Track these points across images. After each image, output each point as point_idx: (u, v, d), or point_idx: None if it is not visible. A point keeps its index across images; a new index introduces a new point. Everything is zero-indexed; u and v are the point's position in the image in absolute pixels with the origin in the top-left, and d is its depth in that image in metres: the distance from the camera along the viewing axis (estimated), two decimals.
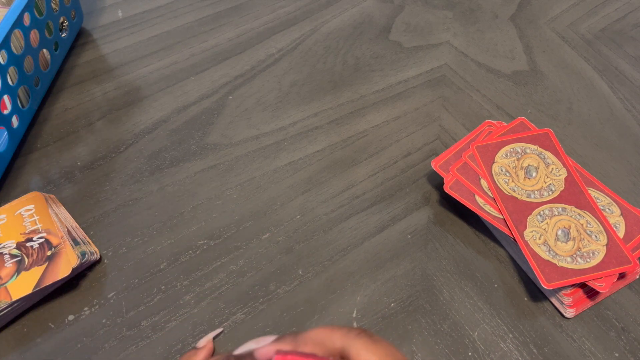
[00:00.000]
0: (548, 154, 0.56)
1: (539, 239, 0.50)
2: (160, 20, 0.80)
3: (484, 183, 0.54)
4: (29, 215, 0.53)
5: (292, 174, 0.61)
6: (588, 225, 0.51)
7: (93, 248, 0.53)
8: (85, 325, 0.49)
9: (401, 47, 0.76)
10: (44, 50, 0.66)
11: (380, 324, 0.49)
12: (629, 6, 0.83)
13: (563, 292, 0.49)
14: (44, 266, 0.49)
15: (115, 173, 0.61)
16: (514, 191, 0.53)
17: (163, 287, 0.52)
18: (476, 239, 0.55)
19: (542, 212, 0.52)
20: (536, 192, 0.53)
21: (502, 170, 0.54)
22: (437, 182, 0.60)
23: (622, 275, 0.50)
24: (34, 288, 0.48)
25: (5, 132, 0.59)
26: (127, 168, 0.61)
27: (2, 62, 0.57)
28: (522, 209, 0.52)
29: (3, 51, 0.56)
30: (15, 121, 0.61)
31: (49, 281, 0.48)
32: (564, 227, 0.51)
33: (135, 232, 0.56)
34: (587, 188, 0.53)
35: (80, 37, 0.77)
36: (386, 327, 0.49)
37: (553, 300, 0.50)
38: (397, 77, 0.72)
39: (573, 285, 0.49)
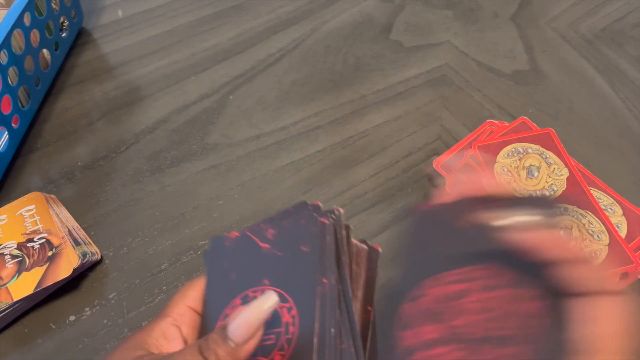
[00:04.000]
0: (550, 154, 0.56)
1: None
2: (160, 19, 0.80)
3: None
4: (30, 216, 0.53)
5: (293, 173, 0.61)
6: (590, 225, 0.51)
7: (94, 248, 0.53)
8: (87, 325, 0.49)
9: (402, 47, 0.76)
10: (44, 50, 0.66)
11: None
12: (629, 6, 0.83)
13: None
14: (45, 266, 0.49)
15: (116, 173, 0.61)
16: (516, 191, 0.53)
17: (164, 287, 0.52)
18: None
19: None
20: (538, 192, 0.53)
21: (504, 170, 0.54)
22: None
23: (624, 275, 0.50)
24: (35, 288, 0.48)
25: (6, 132, 0.59)
26: (127, 168, 0.61)
27: (2, 62, 0.56)
28: None
29: (3, 51, 0.56)
30: (15, 121, 0.60)
31: (50, 281, 0.48)
32: (566, 227, 0.51)
33: (136, 232, 0.56)
34: (589, 188, 0.53)
35: (80, 37, 0.76)
36: None
37: None
38: (397, 76, 0.72)
39: None
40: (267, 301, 0.28)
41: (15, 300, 0.47)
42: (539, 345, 0.25)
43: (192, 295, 0.33)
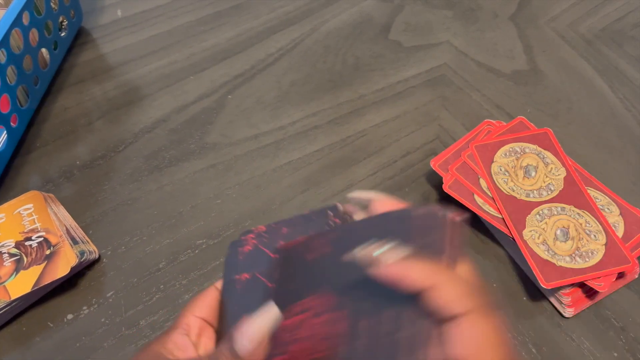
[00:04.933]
0: (547, 154, 0.56)
1: (538, 238, 0.50)
2: (159, 19, 0.80)
3: (483, 182, 0.54)
4: (28, 214, 0.53)
5: (291, 173, 0.61)
6: (587, 224, 0.51)
7: (92, 247, 0.53)
8: (84, 324, 0.50)
9: (401, 47, 0.76)
10: (43, 49, 0.66)
11: None
12: (629, 6, 0.83)
13: (562, 291, 0.49)
14: (43, 265, 0.49)
15: (115, 172, 0.61)
16: (513, 191, 0.53)
17: (162, 286, 0.52)
18: (475, 238, 0.55)
19: (541, 212, 0.52)
20: (535, 191, 0.53)
21: (501, 170, 0.54)
22: (436, 181, 0.60)
23: (621, 275, 0.50)
24: (33, 287, 0.48)
25: (5, 132, 0.59)
26: (126, 167, 0.61)
27: (1, 62, 0.56)
28: (521, 209, 0.52)
29: (2, 50, 0.56)
30: (14, 120, 0.61)
31: (47, 280, 0.48)
32: (563, 227, 0.51)
33: (134, 231, 0.56)
34: (586, 187, 0.53)
35: (79, 37, 0.77)
36: None
37: (552, 299, 0.50)
38: (396, 76, 0.72)
39: (572, 285, 0.49)
40: (268, 315, 0.30)
41: (12, 298, 0.47)
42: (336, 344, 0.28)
43: (199, 307, 0.35)
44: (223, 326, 0.35)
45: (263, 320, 0.30)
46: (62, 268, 0.49)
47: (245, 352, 0.29)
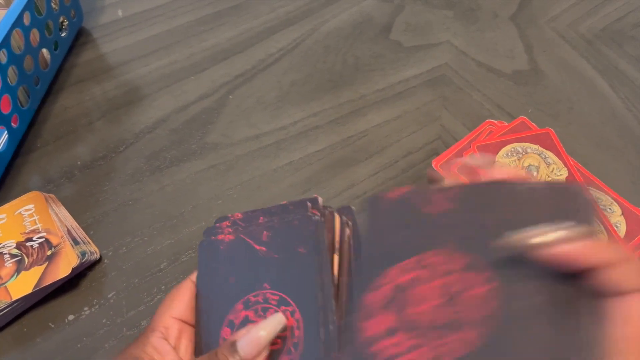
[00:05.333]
0: (549, 154, 0.56)
1: None
2: (160, 19, 0.80)
3: None
4: (29, 215, 0.53)
5: (293, 173, 0.61)
6: None
7: (93, 248, 0.53)
8: (85, 325, 0.49)
9: (401, 47, 0.76)
10: (44, 49, 0.66)
11: None
12: (629, 6, 0.83)
13: None
14: (44, 266, 0.49)
15: (115, 173, 0.61)
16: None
17: (163, 287, 0.52)
18: None
19: None
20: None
21: None
22: None
23: None
24: (34, 288, 0.48)
25: (5, 132, 0.59)
26: (127, 168, 0.61)
27: (2, 62, 0.56)
28: None
29: (3, 50, 0.56)
30: (15, 121, 0.60)
31: (48, 281, 0.48)
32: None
33: (135, 231, 0.56)
34: (588, 188, 0.53)
35: (80, 37, 0.76)
36: None
37: None
38: (397, 76, 0.72)
39: None
40: (276, 322, 0.30)
41: (14, 299, 0.47)
42: (486, 329, 0.24)
43: (176, 306, 0.34)
44: (200, 318, 0.34)
45: (268, 326, 0.30)
46: (63, 269, 0.49)
47: (249, 355, 0.29)
